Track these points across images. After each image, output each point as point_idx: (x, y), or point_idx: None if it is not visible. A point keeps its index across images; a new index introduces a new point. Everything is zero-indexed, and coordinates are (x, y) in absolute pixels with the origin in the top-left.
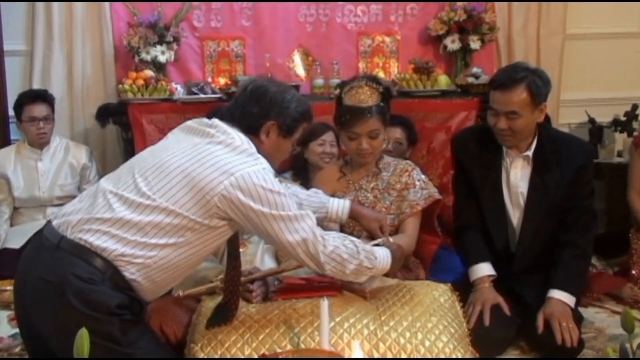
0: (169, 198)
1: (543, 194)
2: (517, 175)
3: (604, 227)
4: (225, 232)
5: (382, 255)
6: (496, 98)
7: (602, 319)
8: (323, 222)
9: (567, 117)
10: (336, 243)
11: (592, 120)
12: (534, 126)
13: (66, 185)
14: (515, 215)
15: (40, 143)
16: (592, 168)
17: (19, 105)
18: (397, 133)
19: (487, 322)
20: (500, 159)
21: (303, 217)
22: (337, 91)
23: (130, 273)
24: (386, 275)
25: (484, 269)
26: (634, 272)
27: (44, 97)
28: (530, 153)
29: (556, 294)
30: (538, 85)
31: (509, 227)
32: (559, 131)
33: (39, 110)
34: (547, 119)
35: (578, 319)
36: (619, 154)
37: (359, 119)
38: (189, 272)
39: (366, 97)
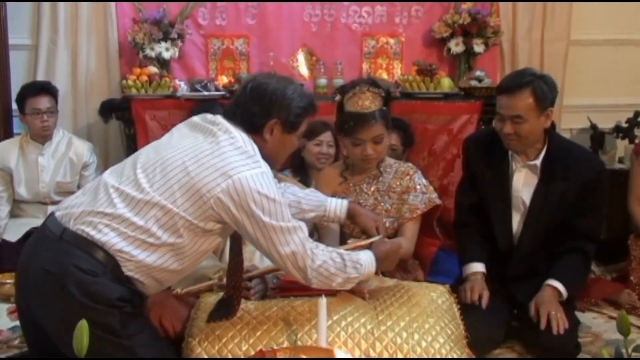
0: (168, 196)
1: (545, 205)
2: (519, 181)
3: (604, 233)
4: (221, 236)
5: (366, 261)
6: (502, 102)
7: (599, 324)
8: (322, 223)
9: (569, 122)
10: (324, 257)
11: (593, 127)
12: (541, 132)
13: (65, 184)
14: (515, 219)
15: (43, 136)
16: (603, 181)
17: (22, 98)
18: (392, 139)
19: (484, 304)
20: (507, 163)
21: (295, 229)
22: (338, 97)
23: (128, 269)
24: (383, 273)
25: (478, 267)
26: (632, 278)
27: (47, 89)
28: (538, 162)
29: (552, 282)
30: (543, 90)
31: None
32: (569, 141)
33: (43, 102)
34: (552, 125)
35: (575, 323)
36: (620, 161)
37: (363, 125)
38: (188, 272)
39: (369, 102)
